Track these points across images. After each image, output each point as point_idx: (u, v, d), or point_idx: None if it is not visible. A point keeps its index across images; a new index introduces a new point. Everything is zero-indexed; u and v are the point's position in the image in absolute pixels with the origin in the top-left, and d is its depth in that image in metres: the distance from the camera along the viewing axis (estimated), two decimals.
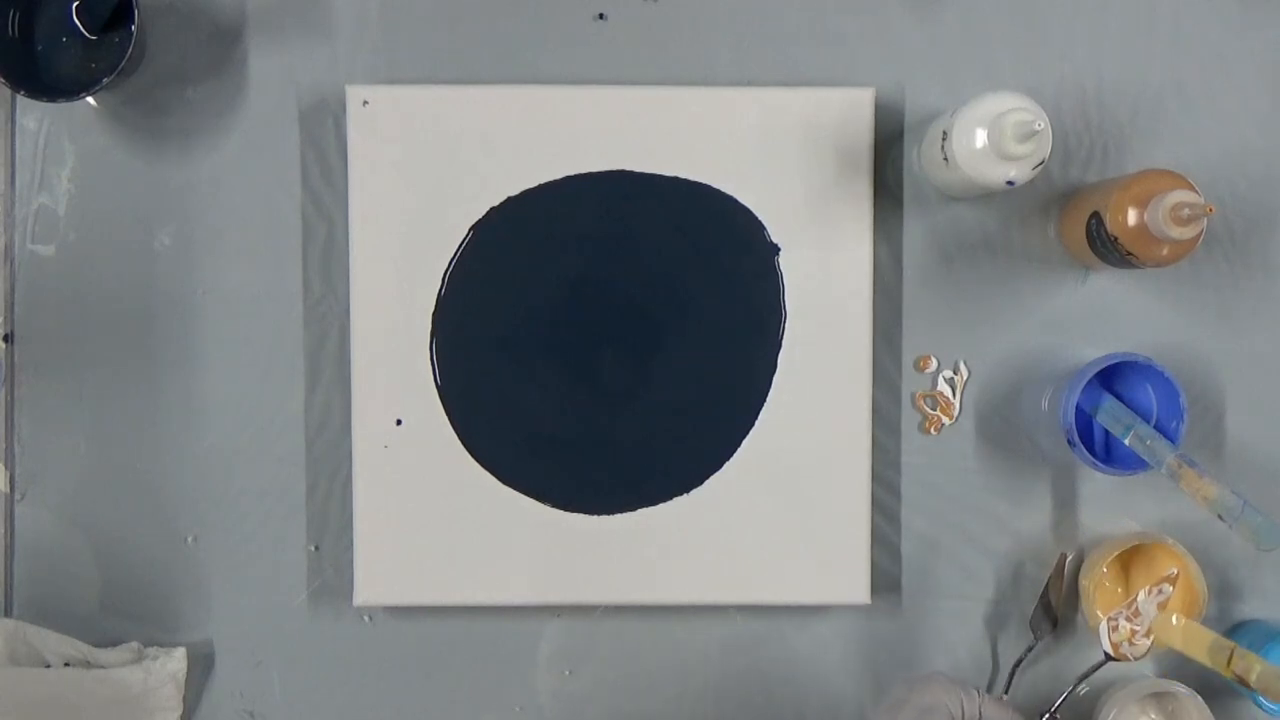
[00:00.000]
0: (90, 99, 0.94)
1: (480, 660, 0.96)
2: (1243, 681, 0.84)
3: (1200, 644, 0.88)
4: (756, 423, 0.94)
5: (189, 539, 0.96)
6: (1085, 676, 0.92)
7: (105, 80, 0.89)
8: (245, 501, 0.96)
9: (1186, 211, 0.84)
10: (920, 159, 0.95)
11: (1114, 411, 0.91)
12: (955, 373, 0.96)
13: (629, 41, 0.96)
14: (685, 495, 0.94)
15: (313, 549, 0.96)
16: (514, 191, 0.94)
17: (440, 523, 0.94)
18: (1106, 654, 0.90)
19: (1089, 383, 0.90)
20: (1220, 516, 0.86)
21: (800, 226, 0.94)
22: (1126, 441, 0.89)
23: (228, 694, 0.96)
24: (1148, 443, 0.89)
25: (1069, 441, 0.90)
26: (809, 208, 0.94)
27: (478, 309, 0.94)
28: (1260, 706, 0.94)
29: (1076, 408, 0.89)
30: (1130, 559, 0.93)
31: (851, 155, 0.94)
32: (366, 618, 0.96)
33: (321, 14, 0.96)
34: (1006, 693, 0.95)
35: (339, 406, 0.95)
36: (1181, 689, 0.92)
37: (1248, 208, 0.97)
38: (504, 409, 0.94)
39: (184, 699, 0.94)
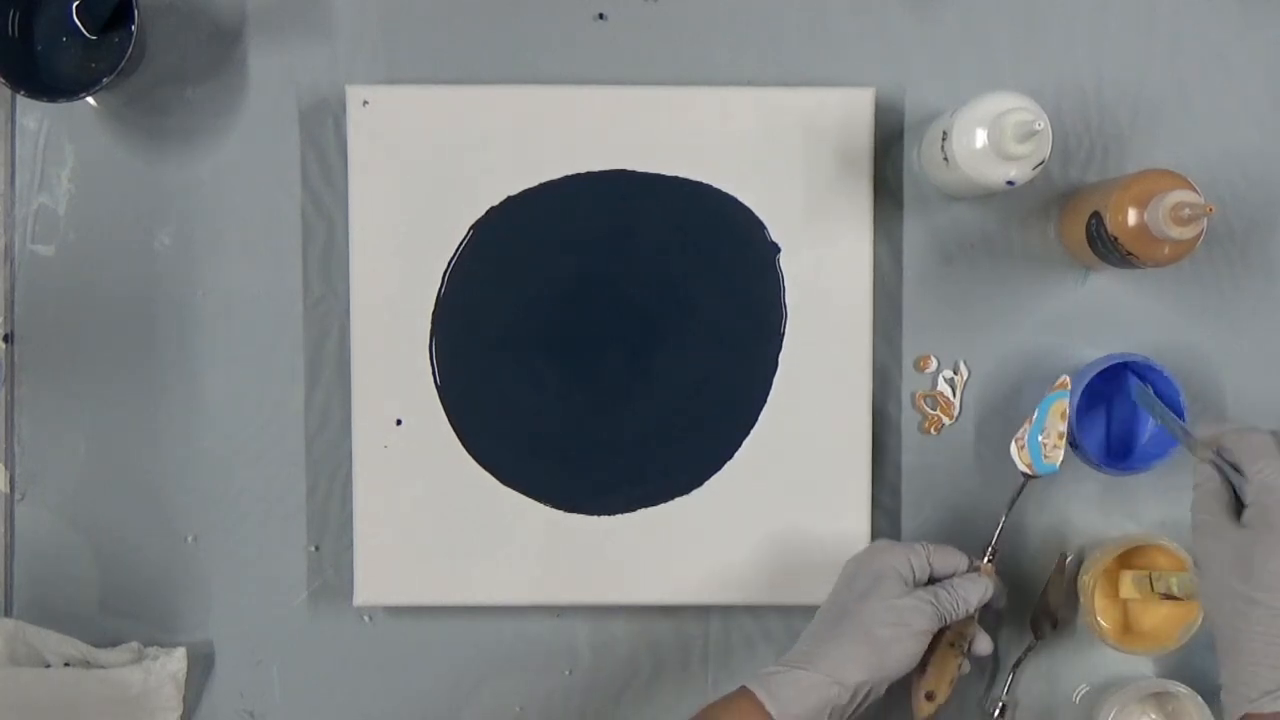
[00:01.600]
0: (90, 99, 0.94)
1: (480, 660, 0.96)
2: (1171, 596, 0.90)
3: (1127, 584, 0.92)
4: (756, 423, 0.94)
5: (189, 539, 0.96)
6: (1013, 502, 0.91)
7: (105, 80, 0.89)
8: (245, 501, 0.96)
9: (1186, 211, 0.84)
10: (920, 159, 0.95)
11: (1146, 398, 0.91)
12: (955, 373, 0.96)
13: (629, 41, 0.96)
14: (685, 495, 0.94)
15: (313, 549, 0.96)
16: (514, 191, 0.94)
17: (440, 523, 0.94)
18: (1024, 474, 0.90)
19: (1124, 376, 0.90)
20: None
21: (800, 226, 0.94)
22: (1154, 419, 0.90)
23: (228, 694, 0.96)
24: (1168, 422, 0.89)
25: (1069, 442, 0.90)
26: (809, 208, 0.94)
27: (478, 309, 0.94)
28: None
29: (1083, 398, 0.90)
30: (1130, 559, 0.93)
31: (851, 155, 0.94)
32: (366, 618, 0.96)
33: (321, 14, 0.96)
34: (1006, 692, 0.95)
35: (339, 406, 0.95)
36: (1182, 689, 0.92)
37: (1248, 208, 0.96)
38: (504, 409, 0.94)
39: (184, 699, 0.94)
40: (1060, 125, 0.95)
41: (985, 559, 0.90)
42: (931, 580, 0.87)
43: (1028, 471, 0.90)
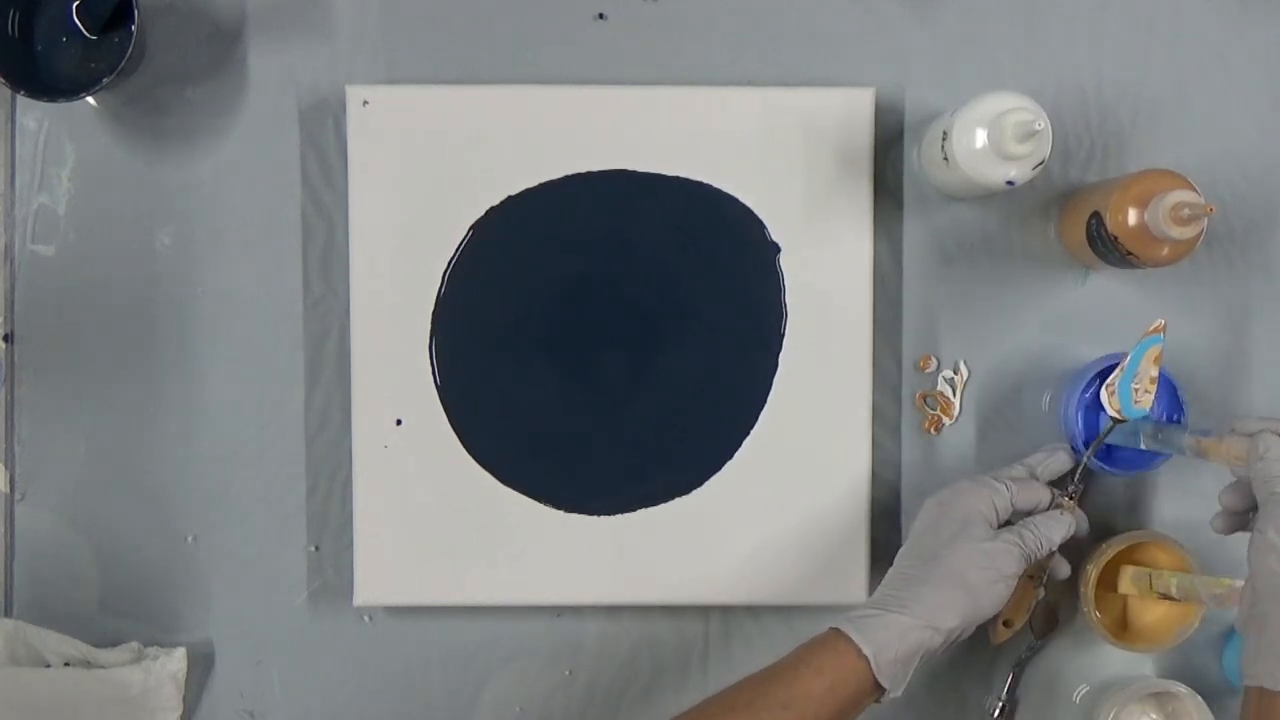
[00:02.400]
0: (90, 99, 0.94)
1: (480, 660, 0.96)
2: (1168, 597, 0.90)
3: (1127, 580, 0.92)
4: (756, 423, 0.94)
5: (189, 539, 0.96)
6: (1100, 442, 0.90)
7: (105, 80, 0.89)
8: (245, 501, 0.96)
9: (1186, 211, 0.84)
10: (920, 159, 0.95)
11: (1121, 430, 0.90)
12: (955, 373, 0.96)
13: (629, 41, 0.96)
14: (685, 495, 0.94)
15: (313, 549, 0.96)
16: (514, 191, 0.94)
17: (440, 523, 0.94)
18: (1113, 418, 0.89)
19: (1088, 409, 0.90)
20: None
21: (800, 226, 0.94)
22: (1144, 446, 0.88)
23: (228, 694, 0.96)
24: (1159, 436, 0.88)
25: (1071, 445, 0.90)
26: (809, 208, 0.94)
27: (477, 309, 0.94)
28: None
29: (1082, 412, 0.90)
30: (1129, 559, 0.93)
31: (851, 155, 0.94)
32: (366, 618, 0.96)
33: (321, 14, 0.96)
34: (1006, 692, 0.95)
35: (339, 406, 0.95)
36: (1182, 689, 0.92)
37: (1248, 208, 0.97)
38: (504, 409, 0.94)
39: (184, 699, 0.94)
40: (1060, 125, 0.95)
41: (1067, 495, 0.89)
42: (1013, 518, 0.87)
43: (1117, 416, 0.89)
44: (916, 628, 0.82)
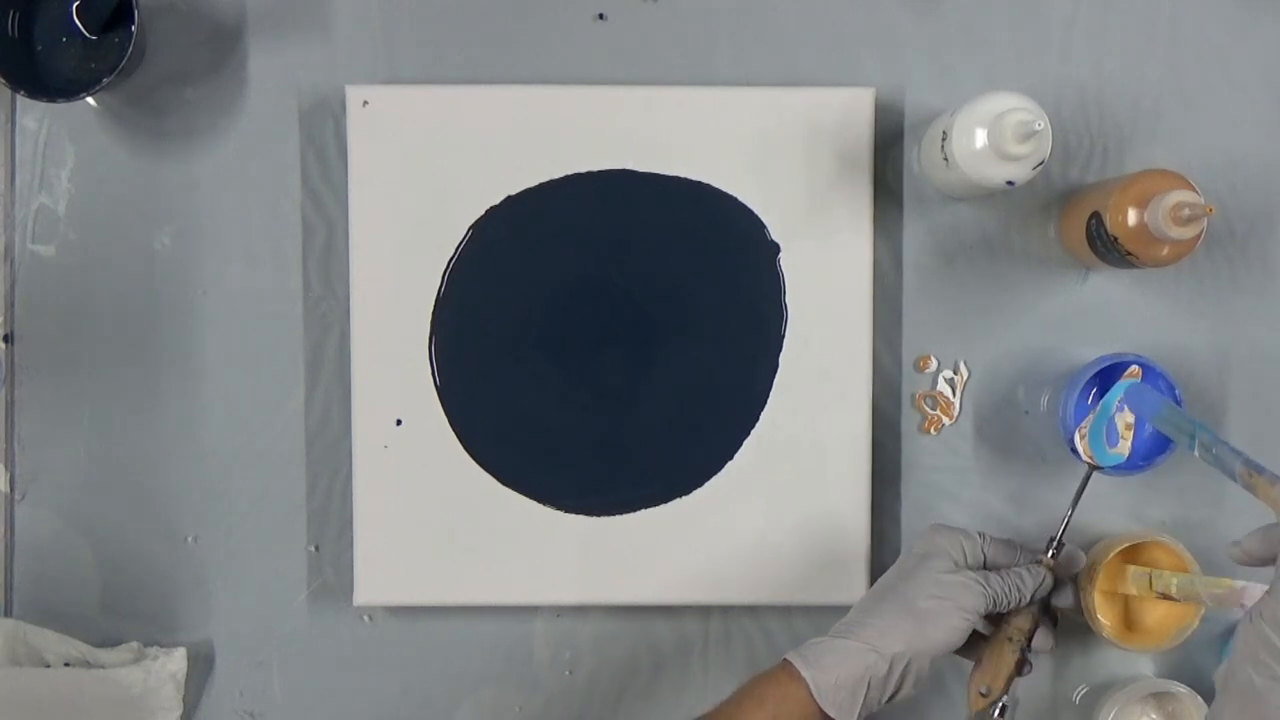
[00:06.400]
0: (90, 99, 0.94)
1: (480, 660, 0.96)
2: (1167, 597, 0.89)
3: (1128, 579, 0.91)
4: (757, 423, 0.94)
5: (189, 539, 0.96)
6: (1079, 495, 0.89)
7: (105, 80, 0.89)
8: (245, 501, 0.96)
9: (1186, 211, 0.84)
10: (920, 159, 0.95)
11: (1174, 418, 0.86)
12: (955, 373, 0.96)
13: (629, 41, 0.96)
14: (685, 495, 0.94)
15: (313, 549, 0.96)
16: (514, 191, 0.94)
17: (440, 523, 0.94)
18: (1090, 465, 0.89)
19: (1137, 389, 0.88)
20: None
21: (800, 226, 0.94)
22: (1196, 454, 0.83)
23: (228, 694, 0.96)
24: (1213, 451, 0.82)
25: (1070, 447, 0.90)
26: (809, 208, 0.94)
27: (477, 309, 0.94)
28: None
29: (1078, 405, 0.89)
30: (1130, 558, 0.93)
31: (851, 155, 0.94)
32: (366, 618, 0.96)
33: (321, 14, 0.96)
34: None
35: (339, 406, 0.95)
36: (1182, 689, 0.92)
37: (1248, 208, 0.97)
38: (504, 409, 0.94)
39: (184, 699, 0.94)
40: (1060, 125, 0.95)
41: (1048, 553, 0.88)
42: (986, 569, 0.87)
43: (1091, 463, 0.89)
44: (859, 651, 0.81)
